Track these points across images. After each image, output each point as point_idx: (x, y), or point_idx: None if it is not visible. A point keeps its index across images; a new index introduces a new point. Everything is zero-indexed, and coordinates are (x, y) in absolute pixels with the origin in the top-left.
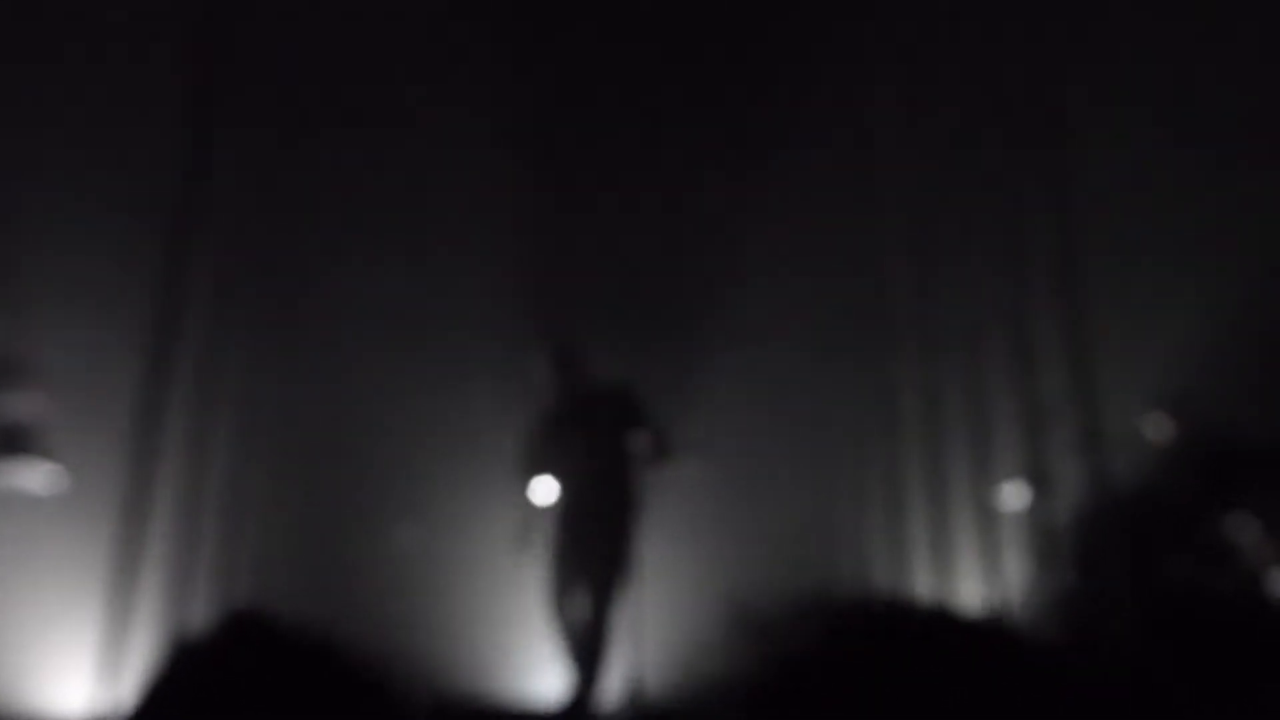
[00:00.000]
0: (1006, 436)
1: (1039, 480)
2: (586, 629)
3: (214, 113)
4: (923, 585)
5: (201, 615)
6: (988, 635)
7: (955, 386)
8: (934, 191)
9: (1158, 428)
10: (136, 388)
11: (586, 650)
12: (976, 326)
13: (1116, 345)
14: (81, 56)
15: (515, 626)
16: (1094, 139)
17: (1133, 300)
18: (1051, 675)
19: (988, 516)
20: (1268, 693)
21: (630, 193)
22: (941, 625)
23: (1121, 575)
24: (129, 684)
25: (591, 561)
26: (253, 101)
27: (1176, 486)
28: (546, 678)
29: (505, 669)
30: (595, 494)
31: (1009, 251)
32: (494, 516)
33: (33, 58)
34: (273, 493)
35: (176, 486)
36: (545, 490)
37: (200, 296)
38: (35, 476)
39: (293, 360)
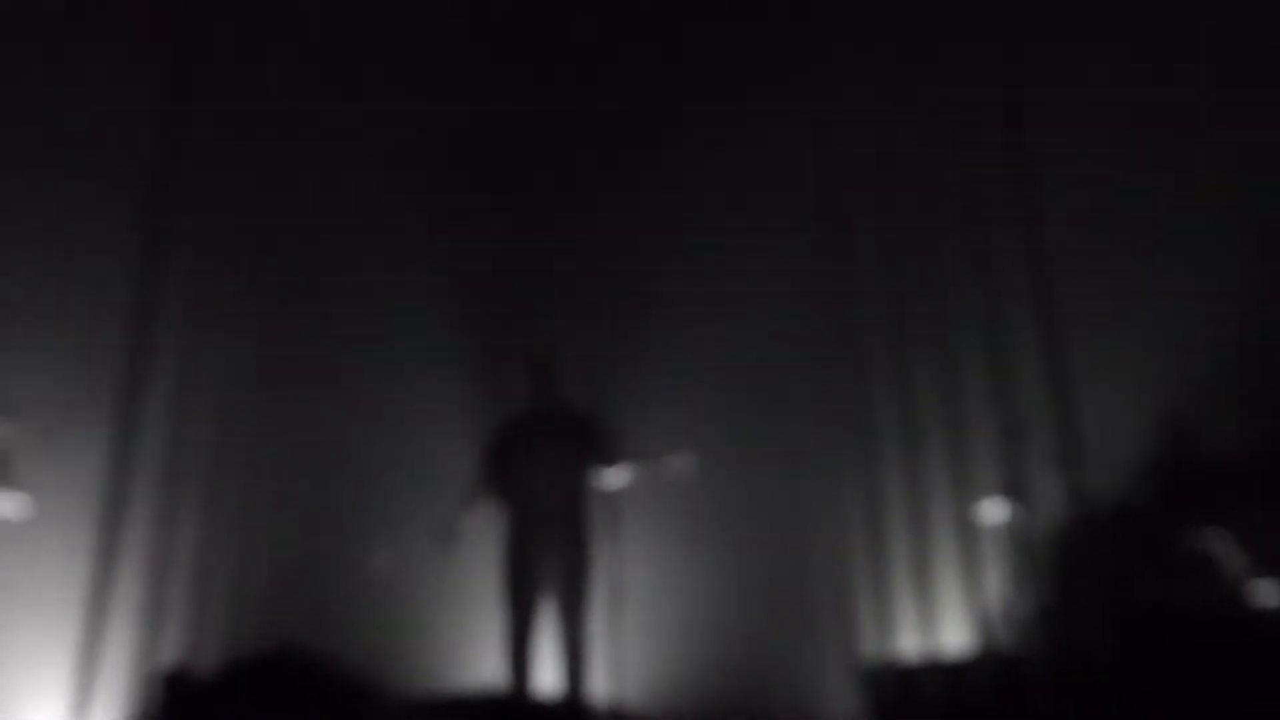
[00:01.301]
0: (984, 453)
1: (1017, 495)
2: (565, 644)
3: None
4: (902, 600)
5: (175, 643)
6: None
7: (931, 404)
8: (907, 208)
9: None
10: (108, 413)
11: (569, 662)
12: (951, 344)
13: (1091, 361)
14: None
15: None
16: (1067, 153)
17: (1107, 316)
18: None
19: (966, 532)
20: (1242, 704)
21: (589, 211)
22: None
23: (1098, 590)
24: (101, 713)
25: (553, 570)
26: (221, 120)
27: (1151, 500)
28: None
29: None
30: (552, 503)
31: (983, 267)
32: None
33: None
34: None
35: (149, 514)
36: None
37: (172, 318)
38: (5, 504)
39: (268, 381)
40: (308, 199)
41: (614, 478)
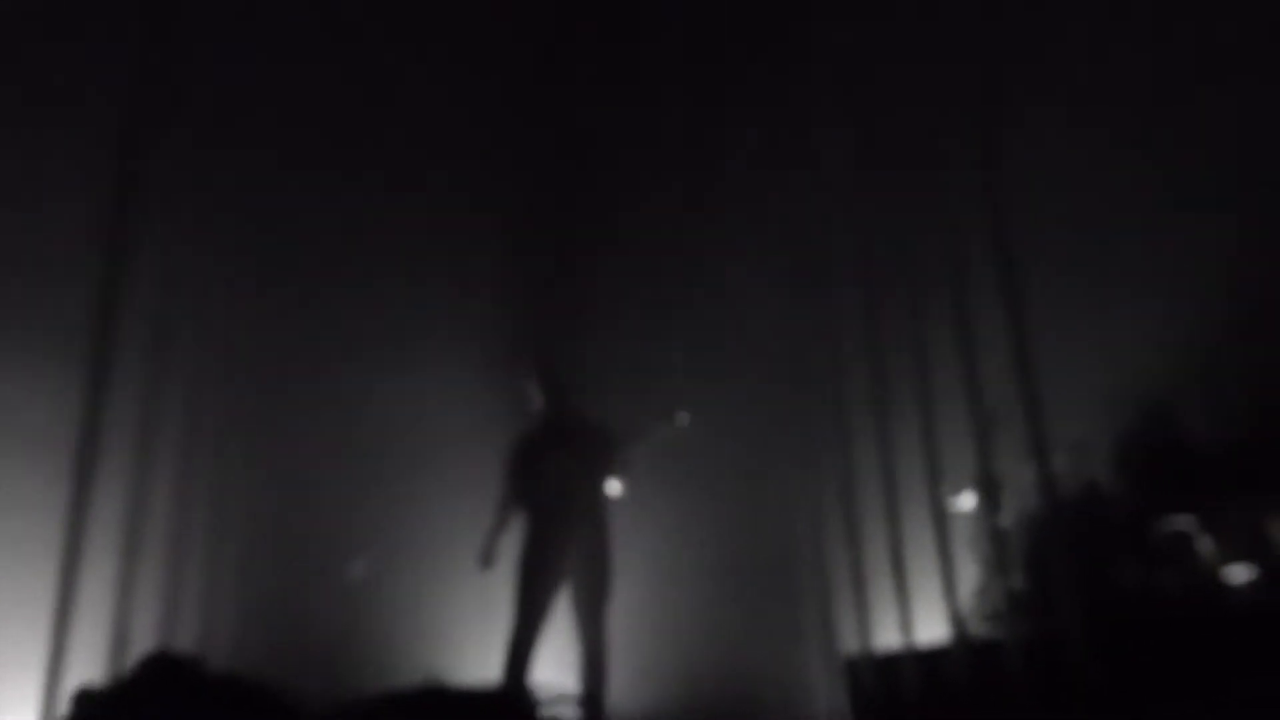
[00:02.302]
0: (958, 443)
1: (991, 485)
2: (587, 646)
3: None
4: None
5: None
6: None
7: (904, 397)
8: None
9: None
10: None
11: (589, 666)
12: (923, 335)
13: (1063, 351)
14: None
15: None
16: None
17: (1079, 307)
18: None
19: (942, 523)
20: (1216, 690)
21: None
22: None
23: (1073, 577)
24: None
25: (574, 573)
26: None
27: (1127, 488)
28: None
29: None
30: (572, 509)
31: (954, 262)
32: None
33: None
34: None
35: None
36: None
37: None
38: None
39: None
40: (307, 200)
41: (618, 486)
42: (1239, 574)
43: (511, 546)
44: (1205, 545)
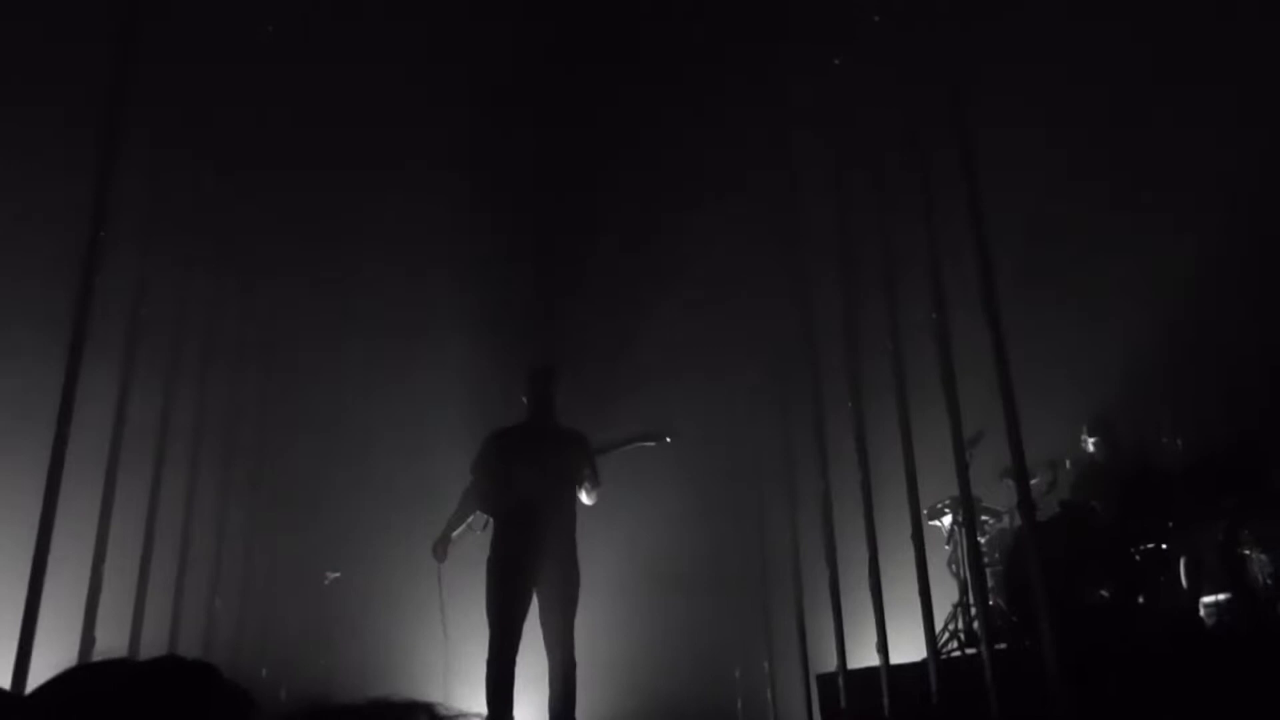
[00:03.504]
0: (936, 462)
1: (968, 504)
2: (558, 657)
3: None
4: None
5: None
6: None
7: (883, 419)
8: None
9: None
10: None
11: (558, 678)
12: (903, 356)
13: (1040, 371)
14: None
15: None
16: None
17: (1055, 327)
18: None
19: (918, 540)
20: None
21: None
22: None
23: (1047, 595)
24: None
25: (544, 580)
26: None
27: (1103, 508)
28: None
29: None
30: (543, 516)
31: (930, 280)
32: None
33: None
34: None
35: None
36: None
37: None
38: None
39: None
40: (308, 206)
41: (591, 495)
42: (1211, 594)
43: (477, 550)
44: (1179, 564)
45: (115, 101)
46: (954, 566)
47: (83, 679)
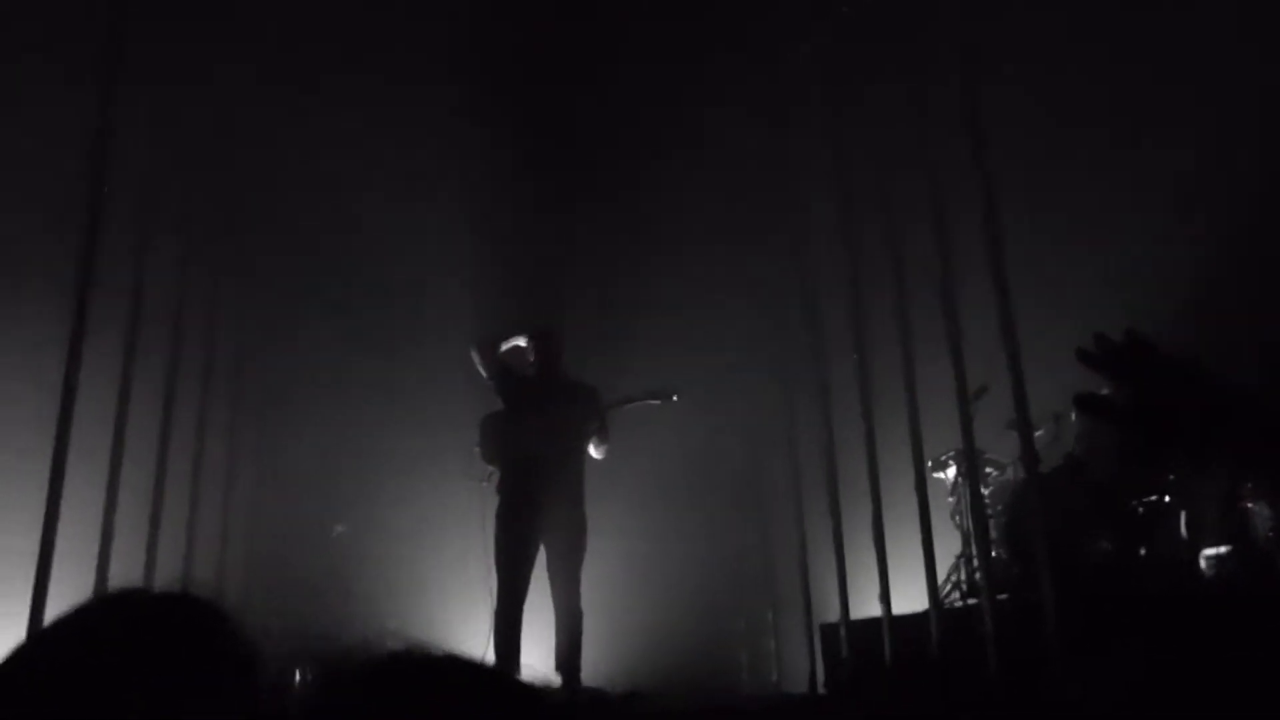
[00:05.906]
0: (938, 414)
1: (970, 456)
2: (564, 607)
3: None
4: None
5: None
6: None
7: (887, 374)
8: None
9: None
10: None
11: (565, 629)
12: (907, 308)
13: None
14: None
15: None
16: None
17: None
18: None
19: (921, 492)
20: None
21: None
22: None
23: (1048, 547)
24: None
25: (550, 531)
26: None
27: (1103, 461)
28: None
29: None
30: (550, 467)
31: (937, 241)
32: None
33: None
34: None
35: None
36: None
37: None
38: None
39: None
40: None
41: (600, 449)
42: (1212, 546)
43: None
44: (1181, 519)
45: (112, 58)
46: (957, 518)
47: (96, 612)
